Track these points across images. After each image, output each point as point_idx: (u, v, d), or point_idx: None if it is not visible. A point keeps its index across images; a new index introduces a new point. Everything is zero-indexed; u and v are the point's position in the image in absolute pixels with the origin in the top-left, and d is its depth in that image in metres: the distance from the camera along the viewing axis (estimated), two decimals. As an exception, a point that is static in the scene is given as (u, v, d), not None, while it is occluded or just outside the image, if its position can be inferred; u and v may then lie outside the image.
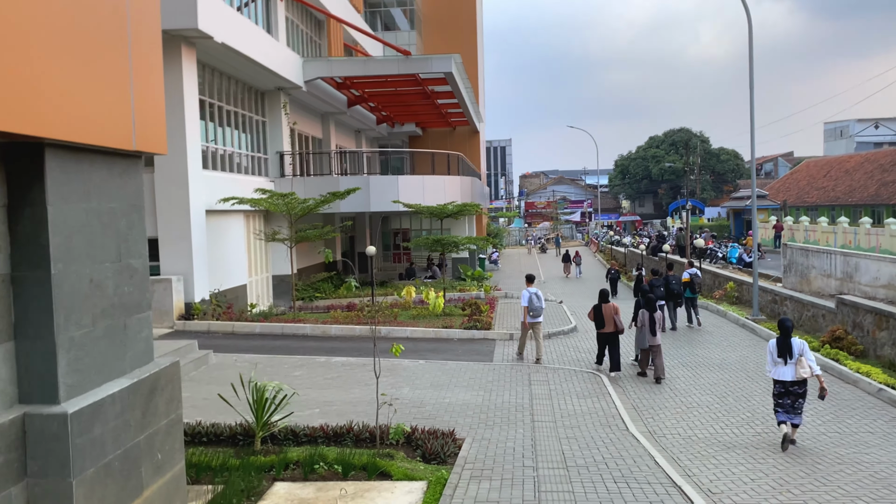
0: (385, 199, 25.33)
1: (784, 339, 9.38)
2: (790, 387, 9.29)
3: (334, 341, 17.07)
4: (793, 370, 9.25)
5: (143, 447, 4.61)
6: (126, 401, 4.41)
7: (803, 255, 20.54)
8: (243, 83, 24.13)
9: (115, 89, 4.71)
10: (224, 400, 8.73)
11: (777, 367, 9.42)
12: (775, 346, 9.47)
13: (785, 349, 9.32)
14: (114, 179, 4.72)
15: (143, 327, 4.80)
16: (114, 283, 4.45)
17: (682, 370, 14.14)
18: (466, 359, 14.86)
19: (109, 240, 4.51)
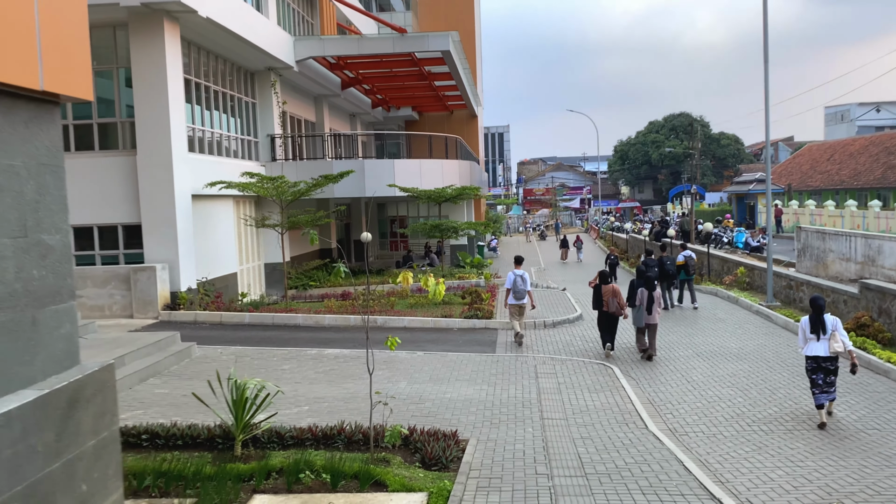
0: (381, 184, 24.35)
1: (817, 316, 9.54)
2: (822, 362, 9.45)
3: (327, 332, 16.15)
4: (825, 346, 9.43)
5: (59, 478, 3.62)
6: (30, 419, 3.41)
7: (819, 238, 19.61)
8: (232, 63, 23.09)
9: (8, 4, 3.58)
10: (199, 399, 7.81)
11: (810, 343, 9.57)
12: (808, 323, 9.64)
13: (818, 325, 9.50)
14: (14, 129, 3.67)
15: (61, 322, 3.82)
16: (15, 265, 3.47)
17: (699, 361, 13.25)
18: (467, 350, 13.96)
19: (8, 208, 3.50)
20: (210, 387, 7.99)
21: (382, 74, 32.04)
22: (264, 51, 22.21)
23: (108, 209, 18.02)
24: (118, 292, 17.36)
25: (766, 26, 18.66)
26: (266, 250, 24.82)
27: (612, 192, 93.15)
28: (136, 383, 11.06)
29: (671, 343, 14.87)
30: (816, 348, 9.47)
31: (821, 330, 9.46)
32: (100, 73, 18.31)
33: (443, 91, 36.00)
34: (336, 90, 30.94)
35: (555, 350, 14.14)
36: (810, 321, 9.60)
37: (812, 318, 9.59)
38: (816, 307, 9.62)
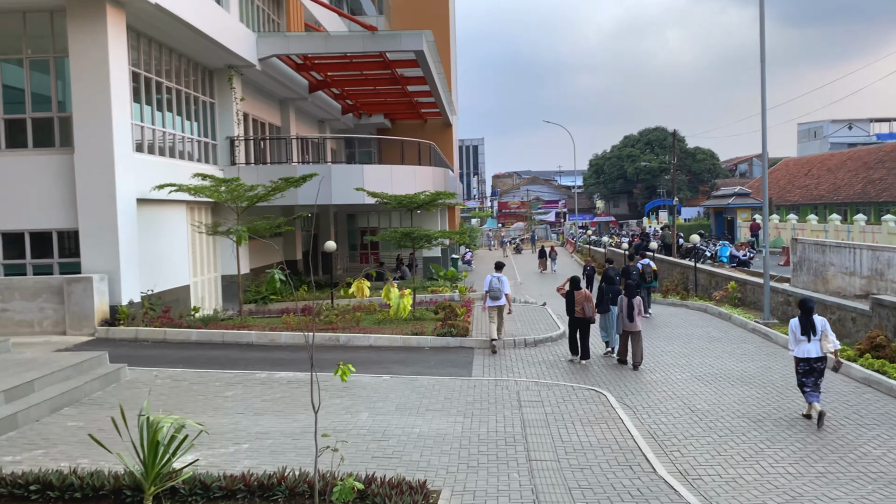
0: (349, 191, 22.75)
1: (807, 318, 9.67)
2: (814, 363, 9.60)
3: (283, 351, 14.46)
4: (817, 346, 9.58)
5: None
6: None
7: (819, 250, 18.40)
8: (188, 59, 21.40)
9: None
10: (98, 442, 6.14)
11: (801, 345, 9.68)
12: (798, 325, 9.74)
13: (808, 327, 9.63)
14: None
15: None
16: None
17: (700, 386, 11.80)
18: (440, 372, 12.37)
19: None
20: (114, 424, 6.31)
21: (353, 78, 30.52)
22: (223, 46, 20.56)
23: (42, 213, 16.21)
24: (50, 306, 15.51)
25: (763, 38, 17.55)
26: (224, 261, 23.02)
27: (587, 206, 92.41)
28: (46, 414, 9.30)
29: (666, 365, 13.43)
30: (809, 349, 9.60)
31: (811, 331, 9.61)
32: (35, 62, 16.56)
33: (416, 97, 34.57)
34: (303, 93, 29.31)
35: (539, 372, 12.61)
36: (800, 323, 9.72)
37: (802, 320, 9.71)
38: (806, 309, 9.77)
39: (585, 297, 13.60)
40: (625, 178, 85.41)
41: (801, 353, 9.67)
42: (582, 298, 13.58)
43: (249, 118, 26.42)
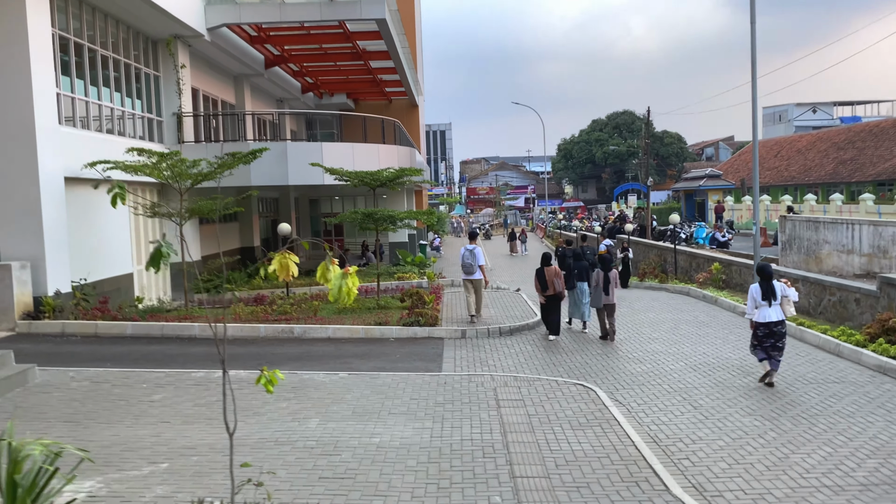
0: (307, 170, 21.04)
1: (767, 284, 9.87)
2: (774, 327, 9.82)
3: (230, 345, 12.85)
4: (778, 310, 9.86)
5: None
6: None
7: (811, 228, 17.27)
8: (128, 25, 19.48)
9: None
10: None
11: (761, 310, 9.89)
12: (759, 290, 9.92)
13: (769, 292, 9.85)
14: None
15: None
16: None
17: (697, 377, 10.50)
18: (406, 367, 10.92)
19: None
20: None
21: (312, 52, 28.74)
22: (166, 12, 18.67)
23: (-48, 194, 14.33)
24: (-38, 298, 13.68)
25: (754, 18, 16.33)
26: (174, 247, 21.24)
27: (556, 192, 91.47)
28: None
29: (655, 353, 12.14)
30: (769, 314, 9.82)
31: (772, 296, 9.83)
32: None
33: (380, 74, 32.86)
34: (259, 69, 27.44)
35: (517, 364, 11.22)
36: (761, 288, 9.89)
37: (763, 286, 9.89)
38: (765, 275, 9.98)
39: (555, 274, 13.64)
40: (593, 163, 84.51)
41: (762, 317, 9.86)
42: (552, 275, 13.59)
43: (199, 94, 24.54)
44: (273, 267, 3.79)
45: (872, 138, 44.21)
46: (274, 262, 3.77)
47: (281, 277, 3.80)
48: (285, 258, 3.80)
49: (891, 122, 44.92)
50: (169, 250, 3.90)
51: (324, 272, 3.95)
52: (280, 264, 3.79)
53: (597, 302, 13.52)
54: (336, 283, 3.81)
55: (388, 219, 15.96)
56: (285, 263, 3.80)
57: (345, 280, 3.83)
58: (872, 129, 45.96)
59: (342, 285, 3.81)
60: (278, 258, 3.77)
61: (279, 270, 3.78)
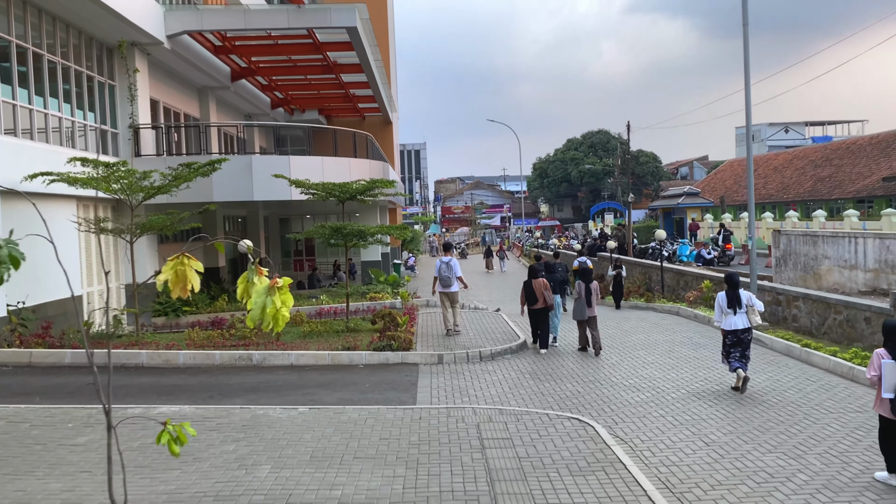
0: (274, 185, 19.75)
1: (733, 292, 10.08)
2: (741, 334, 9.99)
3: (180, 374, 11.53)
4: (744, 318, 9.99)
5: None
6: None
7: (809, 242, 16.35)
8: (78, 30, 18.16)
9: None
10: None
11: (728, 318, 10.05)
12: (725, 298, 10.10)
13: (735, 300, 10.03)
14: None
15: None
16: None
17: (703, 406, 9.39)
18: (376, 399, 9.68)
19: None
20: None
21: (281, 65, 27.56)
22: (120, 15, 17.39)
23: None
24: None
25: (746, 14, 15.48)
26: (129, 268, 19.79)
27: (531, 211, 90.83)
28: None
29: (653, 380, 11.02)
30: (735, 322, 9.99)
31: (737, 304, 9.99)
32: None
33: (352, 89, 31.79)
34: (224, 81, 26.19)
35: (501, 395, 10.02)
36: (727, 297, 10.07)
37: (729, 294, 10.08)
38: (732, 283, 10.22)
39: (544, 286, 13.47)
40: (569, 182, 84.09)
41: (729, 325, 10.03)
42: (541, 287, 13.44)
43: (160, 106, 23.20)
44: (164, 277, 2.60)
45: (850, 156, 44.01)
46: (165, 269, 2.58)
47: (175, 293, 2.61)
48: (183, 265, 2.61)
49: (866, 140, 44.81)
50: (13, 252, 2.68)
51: (246, 287, 2.75)
52: (176, 274, 2.59)
53: (579, 314, 13.36)
54: (258, 300, 2.61)
55: (357, 234, 14.75)
56: (182, 273, 2.60)
57: (271, 297, 2.64)
58: (849, 146, 45.83)
59: (267, 304, 2.61)
60: (172, 265, 2.58)
61: (173, 283, 2.58)
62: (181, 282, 2.65)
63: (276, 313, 2.58)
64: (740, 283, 10.37)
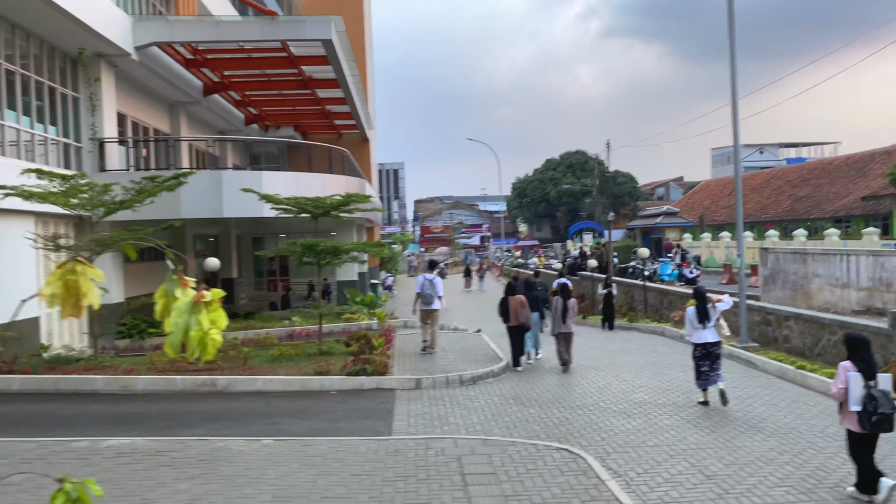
0: (245, 202, 18.97)
1: (703, 305, 10.20)
2: (710, 348, 10.09)
3: (137, 402, 10.70)
4: (713, 332, 10.13)
5: None
6: None
7: (798, 260, 15.91)
8: (40, 39, 17.37)
9: None
10: None
11: (697, 332, 10.17)
12: (695, 313, 10.22)
13: (704, 314, 10.13)
14: None
15: None
16: None
17: (699, 434, 8.77)
18: (349, 429, 8.94)
19: None
20: None
21: (255, 79, 26.88)
22: (84, 24, 16.65)
23: None
24: None
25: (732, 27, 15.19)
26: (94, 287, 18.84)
27: (510, 230, 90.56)
28: None
29: (644, 405, 10.39)
30: (706, 335, 10.12)
31: (706, 318, 10.12)
32: None
33: (328, 104, 31.14)
34: (196, 96, 25.42)
35: (484, 423, 9.33)
36: (697, 311, 10.21)
37: (699, 308, 10.21)
38: (701, 297, 10.36)
39: (520, 303, 13.41)
40: (547, 202, 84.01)
41: (699, 339, 10.15)
42: (516, 304, 13.40)
43: (128, 120, 22.38)
44: (50, 290, 1.92)
45: (827, 176, 44.19)
46: (50, 280, 1.91)
47: (67, 313, 1.95)
48: (75, 273, 1.94)
49: (842, 160, 45.07)
50: None
51: (165, 302, 2.08)
52: (66, 287, 1.92)
53: (554, 329, 13.46)
54: (179, 321, 1.93)
55: (331, 251, 14.05)
56: (73, 285, 1.93)
57: (196, 316, 1.96)
58: (826, 166, 46.06)
59: (191, 324, 1.94)
60: (59, 274, 1.91)
61: (63, 298, 1.91)
62: (73, 297, 1.98)
63: (204, 337, 1.91)
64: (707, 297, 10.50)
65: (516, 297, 13.50)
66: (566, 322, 13.23)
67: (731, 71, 14.74)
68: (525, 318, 13.33)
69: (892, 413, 6.06)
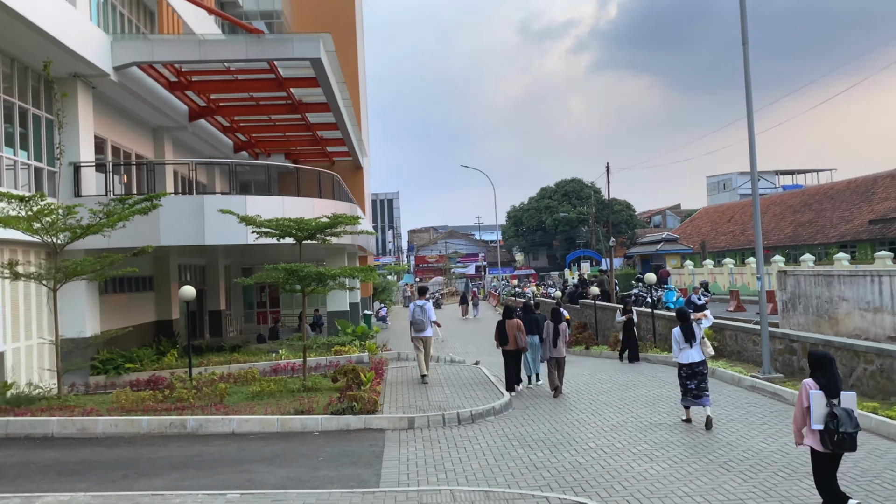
0: (228, 229, 17.89)
1: (687, 325, 10.47)
2: (696, 367, 10.33)
3: (94, 447, 9.49)
4: (698, 351, 10.40)
5: None
6: None
7: (823, 283, 14.81)
8: (10, 57, 16.42)
9: None
10: None
11: (684, 352, 10.45)
12: (681, 333, 10.50)
13: (689, 334, 10.43)
14: None
15: None
16: None
17: (736, 481, 7.60)
18: (330, 478, 7.74)
19: None
20: None
21: (243, 103, 25.98)
22: (59, 42, 15.71)
23: None
24: None
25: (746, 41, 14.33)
26: (69, 320, 17.63)
27: (506, 260, 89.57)
28: None
29: (666, 444, 9.21)
30: (692, 355, 10.33)
31: (692, 338, 10.36)
32: None
33: (319, 130, 30.23)
34: (181, 121, 24.48)
35: (486, 469, 8.14)
36: (682, 332, 10.43)
37: (683, 328, 10.43)
38: (684, 317, 10.58)
39: (518, 327, 13.42)
40: (543, 230, 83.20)
41: (685, 358, 10.37)
42: (514, 328, 13.40)
43: (108, 145, 21.36)
44: None
45: (829, 200, 43.39)
46: None
47: None
48: None
49: (844, 185, 44.33)
50: None
51: None
52: None
53: (545, 354, 13.38)
54: None
55: (316, 277, 12.94)
56: None
57: None
58: (827, 191, 45.29)
59: None
60: None
61: None
62: None
63: None
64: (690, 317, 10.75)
65: (513, 321, 13.54)
66: (557, 346, 13.16)
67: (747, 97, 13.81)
68: (523, 342, 13.35)
69: (855, 432, 5.98)
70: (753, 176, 13.92)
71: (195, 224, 18.07)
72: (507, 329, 13.48)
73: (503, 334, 13.57)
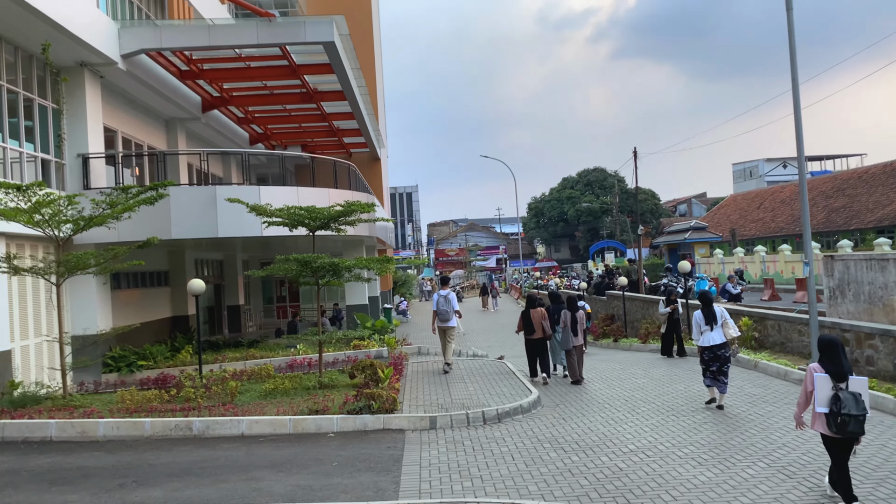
0: (243, 220, 17.21)
1: (708, 309, 10.52)
2: (717, 350, 10.31)
3: (94, 451, 8.82)
4: (720, 333, 10.35)
5: None
6: None
7: (875, 268, 13.75)
8: (14, 45, 15.84)
9: None
10: None
11: (705, 335, 10.43)
12: (702, 316, 10.55)
13: (710, 317, 10.45)
14: None
15: None
16: None
17: (798, 488, 6.73)
18: (344, 486, 6.99)
19: None
20: None
21: (256, 93, 25.31)
22: (63, 28, 15.09)
23: None
24: None
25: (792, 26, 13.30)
26: (77, 316, 17.11)
27: (527, 252, 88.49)
28: None
29: (715, 445, 8.33)
30: (713, 338, 10.36)
31: (713, 321, 10.40)
32: None
33: (336, 121, 29.54)
34: (194, 112, 23.87)
35: (515, 476, 7.33)
36: (704, 315, 10.52)
37: (704, 311, 10.54)
38: (706, 300, 10.74)
39: (542, 316, 13.51)
40: (565, 221, 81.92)
41: (706, 341, 10.39)
42: (539, 317, 13.48)
43: (118, 137, 20.79)
44: None
45: (863, 185, 41.88)
46: None
47: None
48: None
49: (880, 168, 42.77)
50: None
51: None
52: None
53: (566, 344, 13.30)
54: None
55: (330, 268, 12.18)
56: None
57: None
58: (862, 175, 43.76)
59: None
60: None
61: None
62: None
63: None
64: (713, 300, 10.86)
65: (538, 310, 13.60)
66: (577, 335, 13.24)
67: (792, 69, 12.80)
68: (548, 330, 13.45)
69: (861, 415, 5.91)
70: (800, 154, 12.94)
71: (208, 216, 17.44)
72: (532, 318, 13.49)
73: (528, 323, 13.55)
